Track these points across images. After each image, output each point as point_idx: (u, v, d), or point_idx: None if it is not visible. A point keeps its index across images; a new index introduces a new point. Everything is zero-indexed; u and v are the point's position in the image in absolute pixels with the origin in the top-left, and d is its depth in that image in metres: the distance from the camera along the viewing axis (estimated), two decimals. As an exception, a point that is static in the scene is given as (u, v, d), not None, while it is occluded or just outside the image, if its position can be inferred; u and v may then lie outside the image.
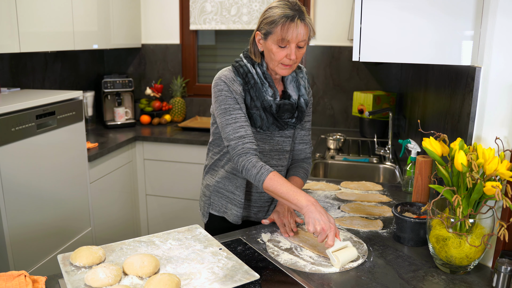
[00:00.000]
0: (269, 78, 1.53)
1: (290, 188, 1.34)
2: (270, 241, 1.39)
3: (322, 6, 3.22)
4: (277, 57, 1.44)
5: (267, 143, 1.58)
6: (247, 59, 1.53)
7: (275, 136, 1.58)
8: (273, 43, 1.43)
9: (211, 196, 1.67)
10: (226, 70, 1.54)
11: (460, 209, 1.13)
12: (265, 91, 1.51)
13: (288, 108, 1.53)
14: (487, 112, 1.23)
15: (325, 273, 1.21)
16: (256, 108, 1.51)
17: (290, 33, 1.40)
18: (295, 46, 1.42)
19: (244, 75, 1.50)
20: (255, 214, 1.67)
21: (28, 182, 2.00)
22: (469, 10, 1.28)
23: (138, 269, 1.13)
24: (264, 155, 1.58)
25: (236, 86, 1.49)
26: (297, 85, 1.59)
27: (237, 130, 1.46)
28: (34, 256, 2.06)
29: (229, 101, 1.48)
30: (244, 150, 1.44)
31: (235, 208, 1.60)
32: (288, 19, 1.39)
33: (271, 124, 1.53)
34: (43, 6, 2.37)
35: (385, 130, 3.03)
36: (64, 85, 3.14)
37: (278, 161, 1.61)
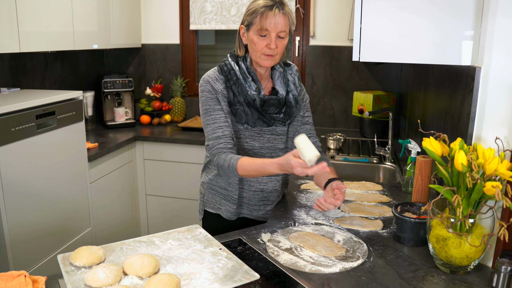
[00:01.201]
0: (253, 73, 1.55)
1: (259, 165, 1.41)
2: (270, 241, 1.39)
3: (322, 6, 3.22)
4: (258, 47, 1.49)
5: (257, 140, 1.60)
6: (232, 58, 1.59)
7: (265, 133, 1.60)
8: (254, 34, 1.49)
9: (205, 193, 1.71)
10: (211, 70, 1.61)
11: (460, 209, 1.13)
12: (248, 86, 1.53)
13: (274, 103, 1.55)
14: (487, 112, 1.23)
15: (325, 273, 1.21)
16: (239, 104, 1.53)
17: (268, 22, 1.45)
18: (275, 36, 1.47)
19: (227, 72, 1.55)
20: (250, 211, 1.69)
21: (28, 182, 2.00)
22: (469, 10, 1.28)
23: (138, 269, 1.13)
24: (255, 152, 1.60)
25: (218, 85, 1.55)
26: (285, 81, 1.61)
27: (214, 130, 1.53)
28: (34, 256, 2.06)
29: (209, 102, 1.55)
30: (218, 150, 1.51)
31: (229, 204, 1.64)
32: (267, 9, 1.45)
33: (257, 120, 1.55)
34: (43, 6, 2.37)
35: (385, 130, 3.03)
36: (64, 85, 3.14)
37: None
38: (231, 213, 1.65)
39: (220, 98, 1.55)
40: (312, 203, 1.74)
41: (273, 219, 1.58)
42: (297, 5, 3.23)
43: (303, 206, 1.70)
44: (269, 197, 1.68)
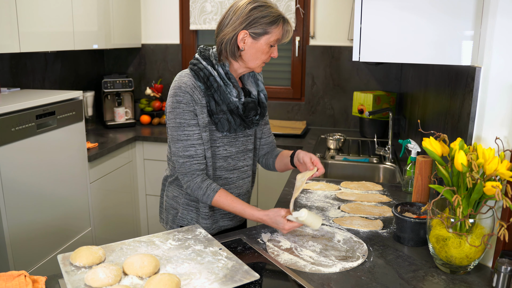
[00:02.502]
0: (233, 78, 1.47)
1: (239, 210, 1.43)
2: (270, 241, 1.39)
3: (322, 6, 3.22)
4: (265, 57, 1.44)
5: (233, 145, 1.54)
6: (206, 61, 1.46)
7: (239, 137, 1.55)
8: (265, 43, 1.41)
9: (180, 209, 1.59)
10: (185, 76, 1.45)
11: (460, 209, 1.13)
12: (229, 93, 1.45)
13: (252, 106, 1.50)
14: (487, 112, 1.24)
15: (325, 273, 1.21)
16: (222, 112, 1.45)
17: (287, 34, 1.44)
18: None
19: (206, 79, 1.43)
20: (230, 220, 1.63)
21: (28, 182, 2.00)
22: (469, 10, 1.28)
23: (138, 269, 1.13)
24: (232, 158, 1.55)
25: (197, 94, 1.43)
26: (255, 80, 1.57)
27: (187, 148, 1.44)
28: (34, 256, 2.06)
29: (185, 115, 1.42)
30: (191, 170, 1.45)
31: (204, 221, 1.55)
32: (281, 21, 1.41)
33: (238, 126, 1.49)
34: (43, 6, 2.37)
35: (385, 130, 3.03)
36: (64, 85, 3.14)
37: (244, 161, 1.59)
38: (208, 229, 1.55)
39: (199, 110, 1.43)
40: (312, 203, 1.74)
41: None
42: (297, 5, 3.23)
43: (303, 206, 1.70)
44: (244, 199, 1.65)
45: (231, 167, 1.56)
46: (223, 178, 1.56)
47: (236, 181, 1.59)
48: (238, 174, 1.59)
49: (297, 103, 3.41)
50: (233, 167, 1.56)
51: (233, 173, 1.57)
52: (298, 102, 3.42)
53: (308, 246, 1.36)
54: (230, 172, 1.56)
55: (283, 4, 3.24)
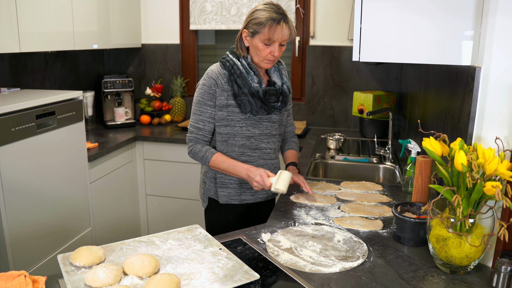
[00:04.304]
0: (254, 68, 1.74)
1: (230, 164, 1.70)
2: (270, 241, 1.39)
3: (322, 6, 3.22)
4: (263, 53, 1.67)
5: (257, 127, 1.78)
6: (232, 55, 1.75)
7: (264, 121, 1.78)
8: (259, 41, 1.65)
9: (207, 182, 1.86)
10: (214, 65, 1.77)
11: (460, 209, 1.13)
12: (251, 79, 1.71)
13: (273, 93, 1.75)
14: (487, 112, 1.23)
15: (325, 273, 1.21)
16: (244, 95, 1.71)
17: (276, 34, 1.62)
18: (278, 45, 1.66)
19: (230, 68, 1.72)
20: (252, 195, 1.85)
21: (28, 182, 2.00)
22: (469, 10, 1.28)
23: (138, 269, 1.13)
24: (255, 139, 1.79)
25: (220, 79, 1.72)
26: (280, 74, 1.83)
27: (198, 121, 1.75)
28: (34, 256, 2.06)
29: (205, 95, 1.73)
30: (196, 138, 1.76)
31: (228, 189, 1.81)
32: (274, 22, 1.61)
33: (259, 108, 1.74)
34: (43, 6, 2.37)
35: (385, 130, 3.03)
36: (64, 85, 3.14)
37: (267, 144, 1.82)
38: (230, 198, 1.82)
39: (219, 92, 1.71)
40: (312, 202, 1.74)
41: (273, 219, 1.58)
42: (297, 5, 3.23)
43: (303, 206, 1.70)
44: None
45: (253, 146, 1.80)
46: (246, 155, 1.79)
47: (257, 160, 1.82)
48: (259, 154, 1.82)
49: (297, 103, 3.41)
50: (256, 147, 1.80)
51: (255, 152, 1.81)
52: (298, 102, 3.41)
53: (308, 246, 1.36)
54: (252, 151, 1.80)
55: (283, 4, 3.23)
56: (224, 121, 1.74)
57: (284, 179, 1.59)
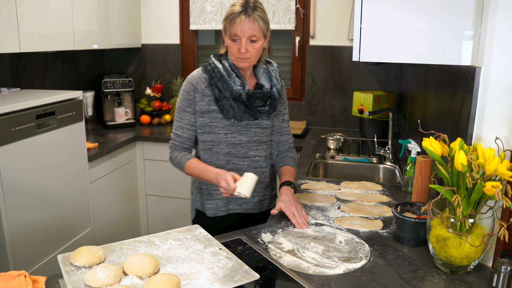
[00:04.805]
0: (236, 70, 1.63)
1: (202, 169, 1.60)
2: (272, 243, 1.38)
3: (322, 6, 3.22)
4: (232, 50, 1.58)
5: (244, 134, 1.67)
6: (215, 57, 1.67)
7: (252, 127, 1.67)
8: (228, 38, 1.58)
9: (194, 192, 1.79)
10: (195, 70, 1.70)
11: (460, 209, 1.13)
12: (233, 82, 1.61)
13: (259, 96, 1.63)
14: (487, 112, 1.23)
15: (329, 274, 1.21)
16: (225, 99, 1.61)
17: (235, 28, 1.52)
18: (247, 41, 1.54)
19: (211, 71, 1.63)
20: (239, 205, 1.74)
21: (28, 182, 2.00)
22: (469, 10, 1.28)
23: (138, 269, 1.13)
24: (242, 146, 1.68)
25: (200, 84, 1.65)
26: (269, 76, 1.69)
27: (177, 128, 1.69)
28: (34, 256, 2.06)
29: (184, 102, 1.67)
30: (175, 145, 1.70)
31: (216, 201, 1.71)
32: (235, 15, 1.52)
33: (243, 113, 1.62)
34: (43, 6, 2.37)
35: (385, 130, 3.03)
36: (64, 85, 3.14)
37: (256, 151, 1.70)
38: (218, 210, 1.71)
39: (199, 97, 1.64)
40: (312, 202, 1.74)
41: (273, 219, 1.58)
42: (297, 5, 3.23)
43: (303, 206, 1.70)
44: (256, 188, 1.71)
45: (241, 155, 1.68)
46: (232, 163, 1.68)
47: (247, 169, 1.70)
48: (248, 163, 1.70)
49: (297, 103, 3.41)
50: (243, 155, 1.68)
51: (243, 161, 1.69)
52: (298, 102, 3.41)
53: (310, 248, 1.35)
54: (240, 159, 1.69)
55: (283, 4, 3.24)
56: (207, 127, 1.65)
57: (246, 182, 1.43)
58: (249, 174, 1.46)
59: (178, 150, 1.70)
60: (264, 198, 1.78)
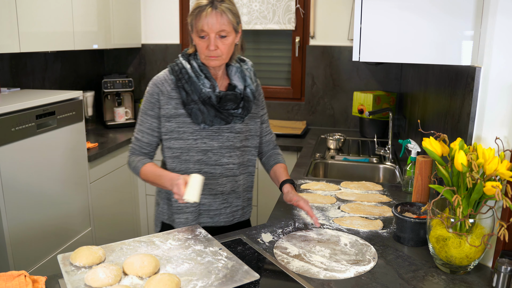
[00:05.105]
0: (205, 70, 1.51)
1: (157, 175, 1.48)
2: (277, 248, 1.36)
3: (322, 6, 3.22)
4: (200, 48, 1.46)
5: (215, 139, 1.54)
6: (183, 57, 1.54)
7: (224, 132, 1.55)
8: (195, 35, 1.45)
9: (161, 203, 1.64)
10: (161, 71, 1.57)
11: (460, 209, 1.13)
12: (201, 84, 1.48)
13: (231, 98, 1.51)
14: (487, 112, 1.23)
15: (341, 279, 1.19)
16: (194, 103, 1.49)
17: (201, 23, 1.40)
18: (215, 36, 1.42)
19: (178, 72, 1.51)
20: (211, 218, 1.61)
21: (28, 182, 2.00)
22: (469, 10, 1.28)
23: (138, 269, 1.13)
24: (214, 153, 1.54)
25: (165, 86, 1.52)
26: (242, 75, 1.57)
27: (138, 131, 1.58)
28: (34, 256, 2.06)
29: (146, 104, 1.54)
30: (134, 149, 1.59)
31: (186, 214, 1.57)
32: (201, 9, 1.40)
33: (214, 117, 1.50)
34: (43, 6, 2.37)
35: (385, 130, 3.03)
36: (64, 85, 3.14)
37: (229, 158, 1.57)
38: (188, 224, 1.56)
39: (164, 101, 1.51)
40: (312, 202, 1.73)
41: (273, 219, 1.58)
42: (297, 5, 3.23)
43: (303, 206, 1.70)
44: (228, 198, 1.61)
45: (212, 162, 1.55)
46: (203, 172, 1.55)
47: (219, 177, 1.57)
48: (221, 171, 1.57)
49: (297, 103, 3.41)
50: (215, 162, 1.55)
51: (215, 169, 1.56)
52: (298, 102, 3.41)
53: (317, 252, 1.33)
54: (211, 167, 1.55)
55: (283, 4, 3.24)
56: (174, 133, 1.52)
57: (191, 186, 1.32)
58: (193, 176, 1.34)
59: (136, 154, 1.58)
60: (237, 209, 1.64)
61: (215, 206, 1.59)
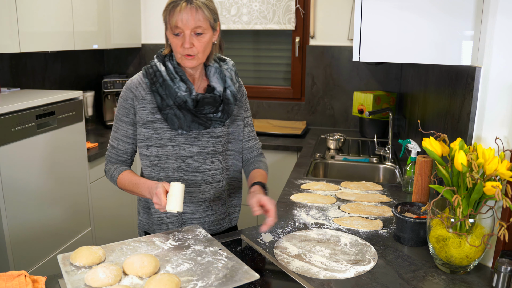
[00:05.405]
0: (181, 73, 1.42)
1: (134, 183, 1.41)
2: (277, 248, 1.36)
3: (322, 6, 3.22)
4: (175, 47, 1.37)
5: (195, 145, 1.46)
6: (158, 58, 1.45)
7: (204, 137, 1.46)
8: (169, 32, 1.37)
9: (141, 212, 1.58)
10: (136, 74, 1.48)
11: (460, 209, 1.13)
12: (177, 87, 1.40)
13: (209, 101, 1.41)
14: (487, 112, 1.23)
15: (341, 279, 1.19)
16: (169, 108, 1.40)
17: (175, 18, 1.31)
18: (191, 34, 1.34)
19: (152, 75, 1.42)
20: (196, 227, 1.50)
21: (28, 182, 2.00)
22: (469, 10, 1.28)
23: (138, 269, 1.13)
24: (194, 159, 1.47)
25: (140, 90, 1.43)
26: (222, 76, 1.47)
27: (113, 139, 1.50)
28: (34, 256, 2.06)
29: (120, 110, 1.46)
30: (110, 157, 1.52)
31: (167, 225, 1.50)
32: (175, 4, 1.32)
33: (191, 123, 1.41)
34: (43, 6, 2.37)
35: (385, 130, 3.03)
36: (64, 85, 3.14)
37: (211, 164, 1.49)
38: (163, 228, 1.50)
39: (140, 106, 1.43)
40: (312, 202, 1.73)
41: (273, 219, 1.58)
42: (297, 5, 3.23)
43: (303, 206, 1.70)
44: (212, 206, 1.53)
45: (192, 169, 1.47)
46: (183, 179, 1.48)
47: (201, 185, 1.49)
48: (203, 178, 1.49)
49: (297, 103, 3.41)
50: (196, 169, 1.47)
51: (196, 176, 1.48)
52: (298, 102, 3.41)
53: (317, 252, 1.33)
54: (192, 174, 1.48)
55: (283, 4, 3.24)
56: (152, 140, 1.44)
57: (172, 195, 1.26)
58: (174, 184, 1.27)
59: (113, 163, 1.51)
60: (224, 217, 1.57)
61: (198, 214, 1.52)
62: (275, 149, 2.90)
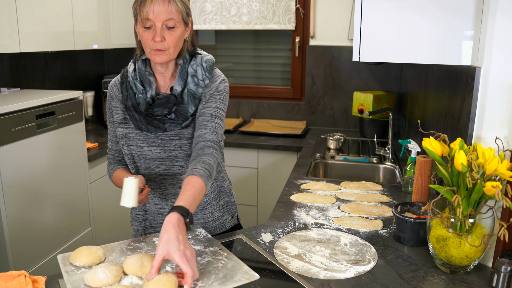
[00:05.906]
0: (142, 73, 1.39)
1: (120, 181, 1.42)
2: (277, 248, 1.36)
3: (322, 6, 3.22)
4: (145, 41, 1.31)
5: (161, 148, 1.40)
6: (133, 58, 1.46)
7: (171, 139, 1.39)
8: (139, 26, 1.31)
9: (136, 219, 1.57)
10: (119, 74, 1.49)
11: (460, 209, 1.13)
12: (136, 89, 1.38)
13: (160, 103, 1.35)
14: (487, 112, 1.23)
15: (341, 279, 1.19)
16: (129, 109, 1.39)
17: (146, 10, 1.26)
18: (162, 27, 1.28)
19: (122, 75, 1.44)
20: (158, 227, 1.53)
21: (28, 182, 2.00)
22: (469, 10, 1.28)
23: (138, 269, 1.13)
24: (162, 162, 1.42)
25: (115, 91, 1.47)
26: (182, 75, 1.38)
27: (108, 140, 1.54)
28: (34, 256, 2.06)
29: (107, 111, 1.50)
30: (108, 159, 1.56)
31: (135, 222, 1.55)
32: None
33: (147, 125, 1.37)
34: (43, 6, 2.37)
35: (385, 130, 3.03)
36: (64, 85, 3.14)
37: (180, 168, 1.43)
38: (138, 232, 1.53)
39: (114, 105, 1.45)
40: (312, 202, 1.73)
41: (273, 219, 1.58)
42: (297, 5, 3.23)
43: (303, 206, 1.70)
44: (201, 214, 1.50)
45: (161, 171, 1.43)
46: (154, 180, 1.46)
47: (170, 188, 1.46)
48: (171, 181, 1.44)
49: (297, 103, 3.41)
50: (164, 171, 1.43)
51: (165, 179, 1.44)
52: (298, 102, 3.42)
53: (317, 252, 1.33)
54: (160, 176, 1.45)
55: (283, 4, 3.24)
56: (125, 139, 1.43)
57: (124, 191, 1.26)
58: (126, 180, 1.27)
59: (112, 163, 1.53)
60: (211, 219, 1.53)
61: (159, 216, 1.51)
62: (275, 149, 2.90)
